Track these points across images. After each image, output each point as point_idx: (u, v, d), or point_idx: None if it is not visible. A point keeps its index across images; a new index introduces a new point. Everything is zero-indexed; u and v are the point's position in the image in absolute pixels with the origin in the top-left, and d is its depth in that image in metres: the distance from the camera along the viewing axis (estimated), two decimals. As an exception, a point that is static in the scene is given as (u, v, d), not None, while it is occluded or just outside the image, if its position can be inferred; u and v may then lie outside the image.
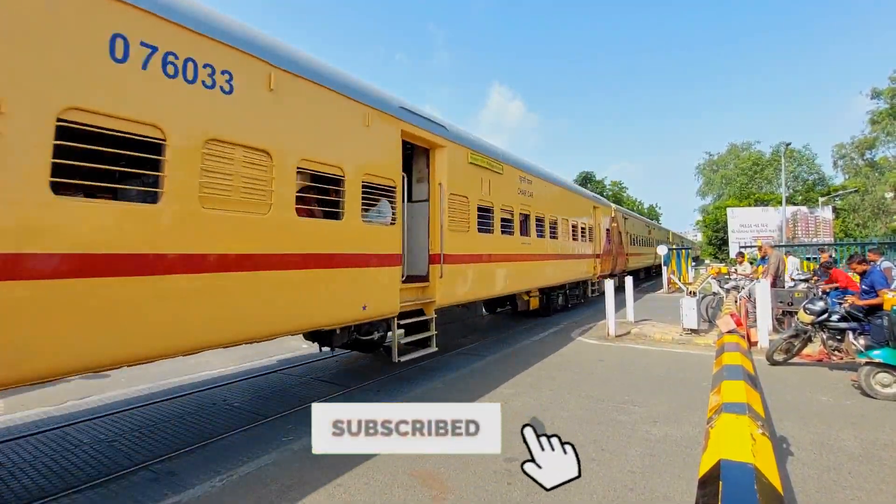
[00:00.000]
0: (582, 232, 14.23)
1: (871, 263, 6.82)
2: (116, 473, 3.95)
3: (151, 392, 6.30)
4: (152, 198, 3.43)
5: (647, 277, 28.52)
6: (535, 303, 11.74)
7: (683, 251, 24.36)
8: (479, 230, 7.98)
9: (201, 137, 3.67)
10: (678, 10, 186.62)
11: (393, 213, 5.81)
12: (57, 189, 2.92)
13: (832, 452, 4.06)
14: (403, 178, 6.12)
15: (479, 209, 8.00)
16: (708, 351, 8.00)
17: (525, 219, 10.10)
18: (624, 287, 12.08)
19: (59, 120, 2.91)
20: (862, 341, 6.22)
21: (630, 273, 19.07)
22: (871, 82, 54.30)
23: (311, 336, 6.04)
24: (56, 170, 2.90)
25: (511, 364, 7.50)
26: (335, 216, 5.03)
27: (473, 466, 3.89)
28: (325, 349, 6.56)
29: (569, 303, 14.43)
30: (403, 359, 6.07)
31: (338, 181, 5.05)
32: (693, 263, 26.91)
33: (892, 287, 5.82)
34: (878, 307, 6.01)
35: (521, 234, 9.81)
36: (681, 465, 3.84)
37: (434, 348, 6.61)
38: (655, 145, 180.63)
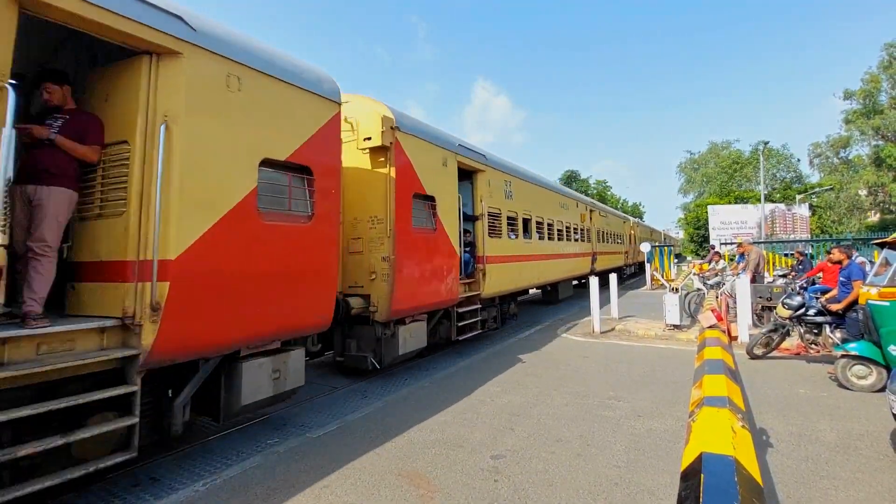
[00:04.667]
0: (621, 238, 24.77)
1: (849, 258, 7.04)
2: (98, 479, 3.86)
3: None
4: (546, 237, 12.83)
5: (631, 275, 28.94)
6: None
7: (666, 248, 24.79)
8: (604, 241, 19.68)
9: (545, 217, 12.64)
10: (665, 10, 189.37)
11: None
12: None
13: (810, 443, 4.17)
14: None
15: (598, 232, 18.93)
16: (690, 346, 8.14)
17: (608, 233, 21.28)
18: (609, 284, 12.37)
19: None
20: (838, 335, 6.40)
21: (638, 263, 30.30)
22: (845, 83, 55.84)
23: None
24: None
25: (497, 362, 7.53)
26: (577, 241, 15.55)
27: (461, 465, 3.90)
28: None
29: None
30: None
31: (577, 231, 15.85)
32: (675, 260, 27.39)
33: (867, 281, 5.99)
34: (854, 302, 6.18)
35: (608, 243, 20.90)
36: (664, 458, 3.90)
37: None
38: (639, 143, 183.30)
